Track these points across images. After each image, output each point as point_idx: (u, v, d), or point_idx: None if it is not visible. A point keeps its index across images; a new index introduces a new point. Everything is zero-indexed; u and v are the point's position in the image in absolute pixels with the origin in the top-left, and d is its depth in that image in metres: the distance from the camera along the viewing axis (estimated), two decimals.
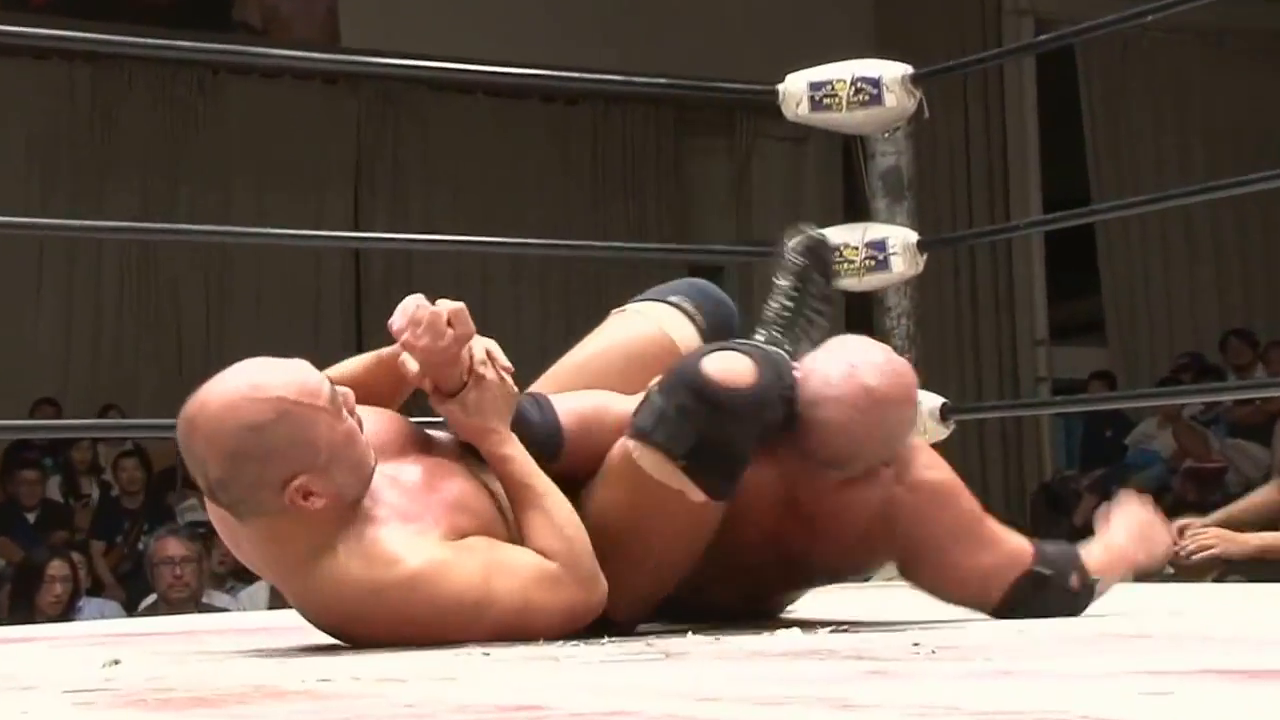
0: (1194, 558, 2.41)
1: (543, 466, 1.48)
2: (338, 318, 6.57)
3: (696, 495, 1.44)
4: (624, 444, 1.47)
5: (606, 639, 1.43)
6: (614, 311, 1.68)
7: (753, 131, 7.18)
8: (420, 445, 1.51)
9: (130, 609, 4.61)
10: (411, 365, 1.49)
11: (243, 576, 4.97)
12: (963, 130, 6.93)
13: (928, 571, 1.56)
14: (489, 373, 1.47)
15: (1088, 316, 7.11)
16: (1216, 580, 2.55)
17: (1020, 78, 6.87)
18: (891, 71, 2.67)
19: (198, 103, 6.43)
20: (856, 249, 2.73)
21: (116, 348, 6.35)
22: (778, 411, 1.45)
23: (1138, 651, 1.28)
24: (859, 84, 2.67)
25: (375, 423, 1.48)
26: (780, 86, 2.74)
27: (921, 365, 3.00)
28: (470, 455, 1.51)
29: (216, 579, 4.64)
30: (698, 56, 6.19)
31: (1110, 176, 6.81)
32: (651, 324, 1.62)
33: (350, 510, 1.41)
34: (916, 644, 1.31)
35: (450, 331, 1.47)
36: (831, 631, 1.47)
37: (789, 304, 1.66)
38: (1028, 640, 1.41)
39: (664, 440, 1.44)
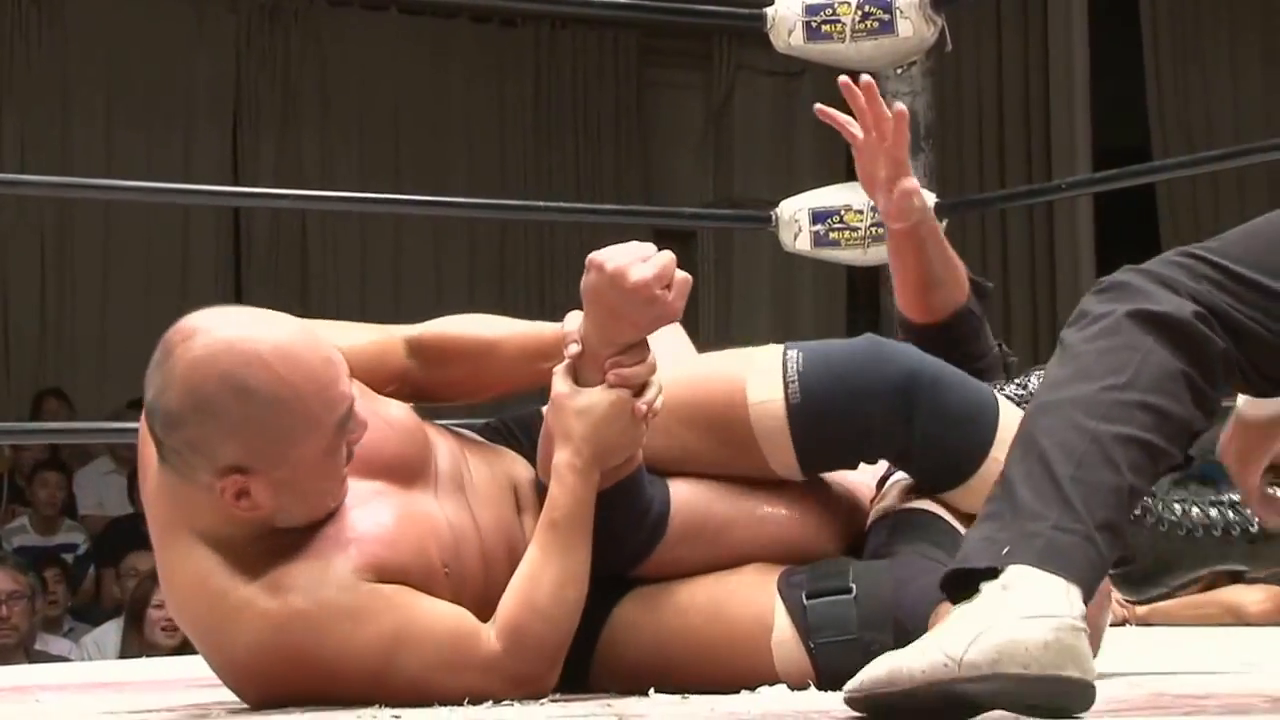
0: None
1: (620, 563, 1.52)
2: (210, 292, 6.50)
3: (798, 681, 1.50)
4: (764, 607, 1.51)
5: (550, 698, 1.45)
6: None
7: (734, 63, 7.19)
8: (411, 464, 1.51)
9: None
10: (573, 346, 1.49)
11: (84, 616, 4.93)
12: (994, 66, 6.97)
13: None
14: (639, 405, 1.48)
15: None
16: None
17: (1067, 1, 6.92)
18: None
19: (30, 13, 6.35)
20: (861, 213, 2.75)
21: None
22: None
23: (1203, 708, 1.32)
24: (867, 7, 2.69)
25: (378, 434, 1.48)
26: (769, 10, 2.76)
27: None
28: (482, 479, 1.54)
29: (51, 621, 4.61)
30: None
31: (1177, 125, 6.87)
32: (739, 371, 1.61)
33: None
34: None
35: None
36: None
37: None
38: None
39: (827, 667, 1.48)
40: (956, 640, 1.14)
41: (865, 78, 1.91)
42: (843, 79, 1.92)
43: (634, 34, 7.09)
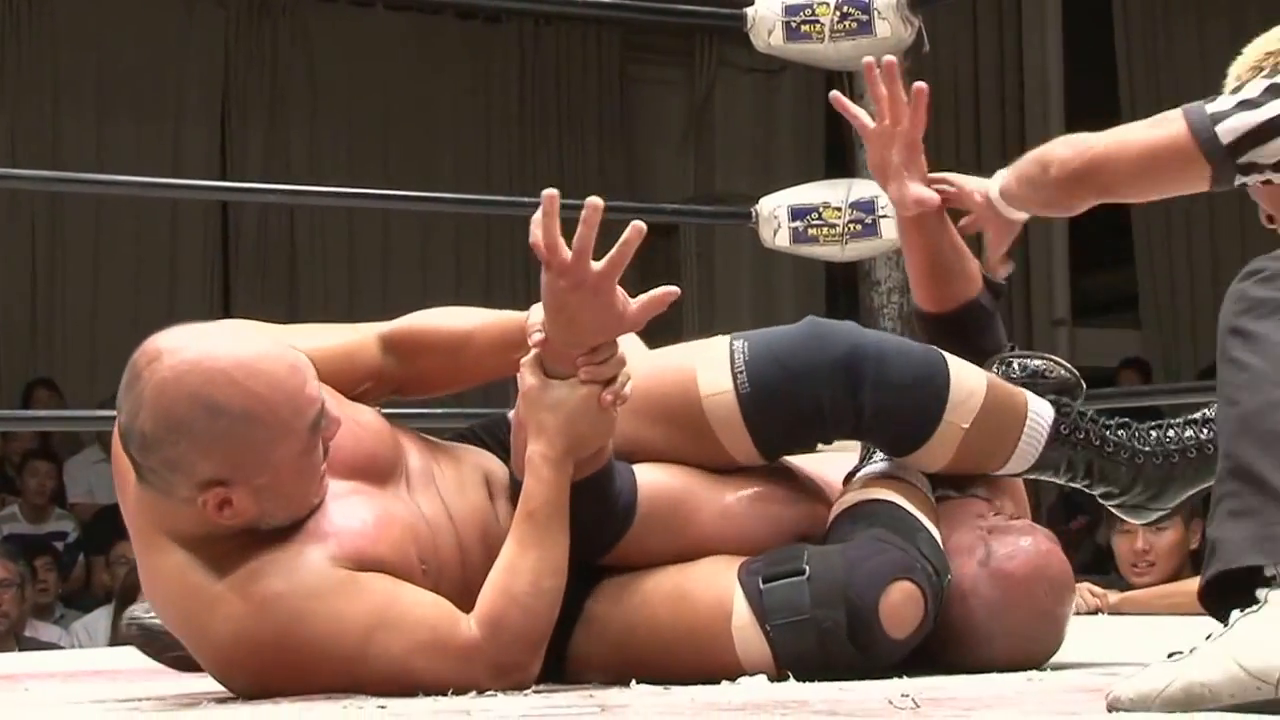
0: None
1: (588, 552, 1.51)
2: (199, 285, 6.50)
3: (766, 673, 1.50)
4: (725, 593, 1.52)
5: (533, 689, 1.45)
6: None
7: (716, 60, 7.18)
8: (383, 463, 1.51)
9: None
10: (536, 334, 1.48)
11: (75, 603, 4.91)
12: (971, 66, 6.97)
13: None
14: (605, 395, 1.47)
15: (1118, 291, 7.21)
16: None
17: (1042, 3, 6.92)
18: None
19: (20, 7, 6.31)
20: (839, 210, 2.75)
21: None
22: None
23: None
24: (845, 8, 2.69)
25: (350, 436, 1.48)
26: (749, 10, 2.76)
27: None
28: (447, 479, 1.54)
29: (40, 608, 4.59)
30: None
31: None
32: (690, 363, 1.62)
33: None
34: (905, 694, 1.33)
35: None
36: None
37: None
38: (1036, 691, 1.44)
39: (784, 646, 1.50)
40: (1263, 658, 1.12)
41: (888, 57, 1.86)
42: (867, 59, 1.87)
43: (617, 31, 7.07)
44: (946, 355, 1.66)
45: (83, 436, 5.78)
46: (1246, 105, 1.45)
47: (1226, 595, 1.21)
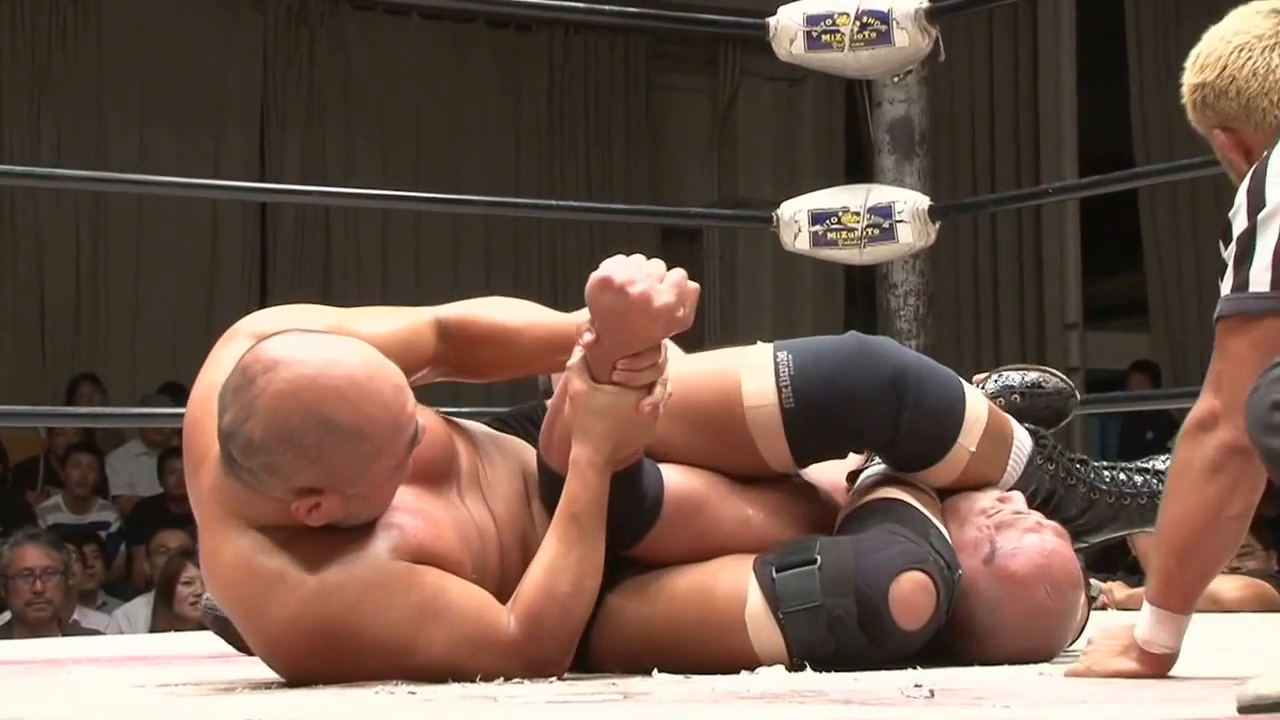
0: None
1: (613, 544, 1.51)
2: (237, 283, 6.52)
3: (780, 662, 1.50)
4: (740, 584, 1.52)
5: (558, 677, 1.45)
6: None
7: (739, 69, 7.18)
8: (439, 467, 1.52)
9: None
10: (587, 335, 1.48)
11: (116, 591, 4.94)
12: (986, 76, 6.96)
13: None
14: (645, 404, 1.47)
15: (1128, 296, 7.18)
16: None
17: (1056, 14, 6.90)
18: (903, 5, 2.68)
19: (66, 14, 6.35)
20: (858, 215, 2.75)
21: None
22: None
23: (1176, 696, 1.31)
24: (865, 18, 2.68)
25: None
26: (771, 19, 2.75)
27: (932, 353, 3.06)
28: (489, 475, 1.55)
29: (85, 594, 4.61)
30: None
31: (1158, 133, 6.86)
32: (734, 372, 1.61)
33: None
34: (918, 685, 1.33)
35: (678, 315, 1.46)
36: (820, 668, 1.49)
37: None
38: (1049, 683, 1.44)
39: (796, 634, 1.50)
40: None
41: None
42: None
43: (643, 40, 7.07)
44: (960, 379, 1.67)
45: (125, 431, 5.80)
46: (1241, 264, 1.34)
47: None
